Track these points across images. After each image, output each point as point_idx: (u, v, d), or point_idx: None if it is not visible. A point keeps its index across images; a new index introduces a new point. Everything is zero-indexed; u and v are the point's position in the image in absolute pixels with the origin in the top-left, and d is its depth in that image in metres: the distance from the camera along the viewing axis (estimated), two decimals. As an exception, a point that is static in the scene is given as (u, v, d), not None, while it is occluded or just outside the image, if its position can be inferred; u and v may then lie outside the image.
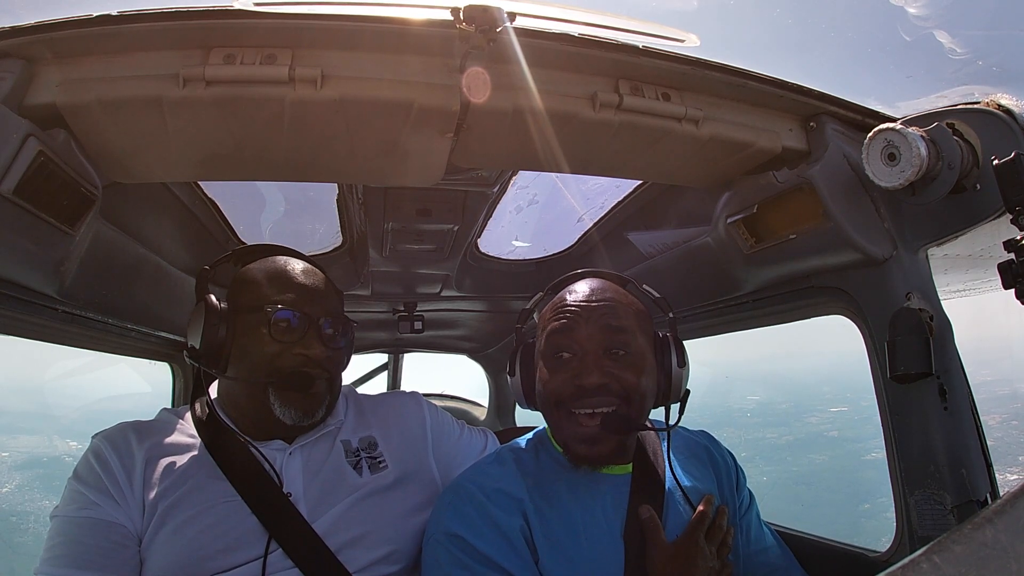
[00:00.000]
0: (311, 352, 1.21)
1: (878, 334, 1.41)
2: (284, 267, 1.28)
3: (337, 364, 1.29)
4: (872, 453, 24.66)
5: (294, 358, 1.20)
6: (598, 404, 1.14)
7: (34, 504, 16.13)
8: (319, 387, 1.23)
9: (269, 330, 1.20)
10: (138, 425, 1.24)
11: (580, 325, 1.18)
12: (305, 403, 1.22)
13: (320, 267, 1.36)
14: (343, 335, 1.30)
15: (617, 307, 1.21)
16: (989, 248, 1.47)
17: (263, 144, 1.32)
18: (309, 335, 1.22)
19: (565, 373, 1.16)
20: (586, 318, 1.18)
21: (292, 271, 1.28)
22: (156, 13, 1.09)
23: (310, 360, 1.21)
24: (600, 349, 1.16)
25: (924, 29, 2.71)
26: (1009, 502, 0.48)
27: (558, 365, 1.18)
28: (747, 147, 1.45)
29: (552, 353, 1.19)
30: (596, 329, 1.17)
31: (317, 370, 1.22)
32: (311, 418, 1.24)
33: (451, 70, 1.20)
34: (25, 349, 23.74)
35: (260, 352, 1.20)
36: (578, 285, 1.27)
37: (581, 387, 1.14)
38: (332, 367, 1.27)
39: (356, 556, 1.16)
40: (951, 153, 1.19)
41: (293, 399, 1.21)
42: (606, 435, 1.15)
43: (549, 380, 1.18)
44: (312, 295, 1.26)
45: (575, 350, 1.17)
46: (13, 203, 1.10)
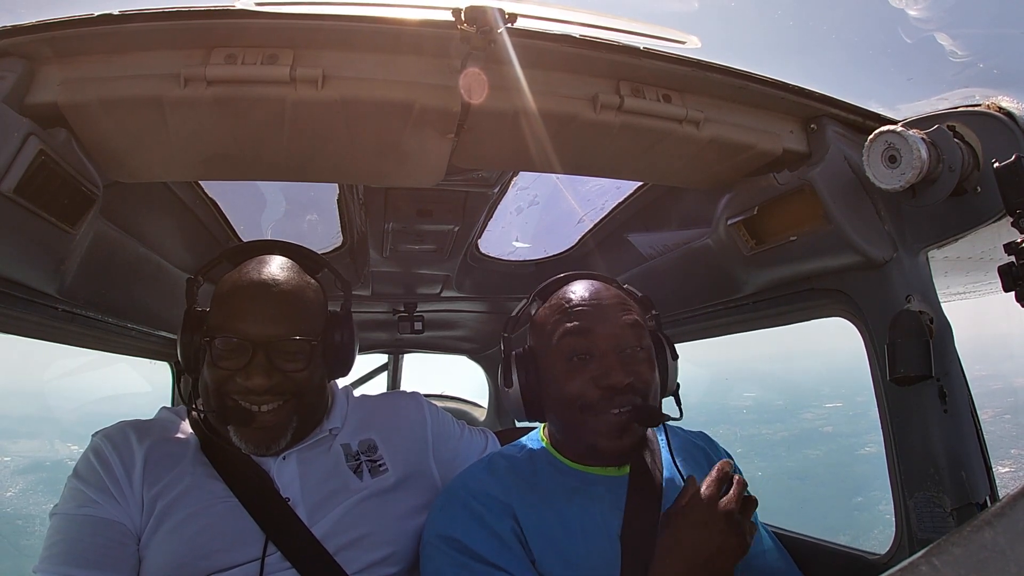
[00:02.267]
0: (251, 383, 1.11)
1: (878, 336, 1.41)
2: (239, 283, 1.18)
3: (302, 384, 1.17)
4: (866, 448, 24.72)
5: (235, 387, 1.13)
6: (624, 403, 1.13)
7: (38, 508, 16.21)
8: (266, 419, 1.14)
9: (213, 358, 1.13)
10: (138, 424, 1.24)
11: (597, 324, 1.15)
12: (257, 436, 1.15)
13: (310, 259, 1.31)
14: (300, 354, 1.16)
15: (624, 306, 1.20)
16: (989, 251, 1.47)
17: (264, 144, 1.32)
18: (253, 363, 1.11)
19: (586, 374, 1.14)
20: (602, 317, 1.16)
21: (248, 287, 1.17)
22: (157, 12, 1.09)
23: (252, 391, 1.12)
24: (620, 346, 1.15)
25: (925, 32, 2.73)
26: (1008, 505, 0.48)
27: (577, 367, 1.15)
28: (748, 149, 1.45)
29: (569, 355, 1.16)
30: (614, 327, 1.15)
31: (264, 398, 1.13)
32: (271, 448, 1.17)
33: (452, 71, 1.20)
34: (25, 350, 23.71)
35: (210, 379, 1.15)
36: (577, 286, 1.24)
37: (610, 387, 1.11)
38: (288, 391, 1.15)
39: (355, 558, 1.16)
40: (952, 155, 1.18)
41: (243, 432, 1.15)
42: (633, 427, 1.14)
43: (568, 383, 1.15)
44: (262, 315, 1.14)
45: (595, 351, 1.15)
46: (14, 202, 1.10)
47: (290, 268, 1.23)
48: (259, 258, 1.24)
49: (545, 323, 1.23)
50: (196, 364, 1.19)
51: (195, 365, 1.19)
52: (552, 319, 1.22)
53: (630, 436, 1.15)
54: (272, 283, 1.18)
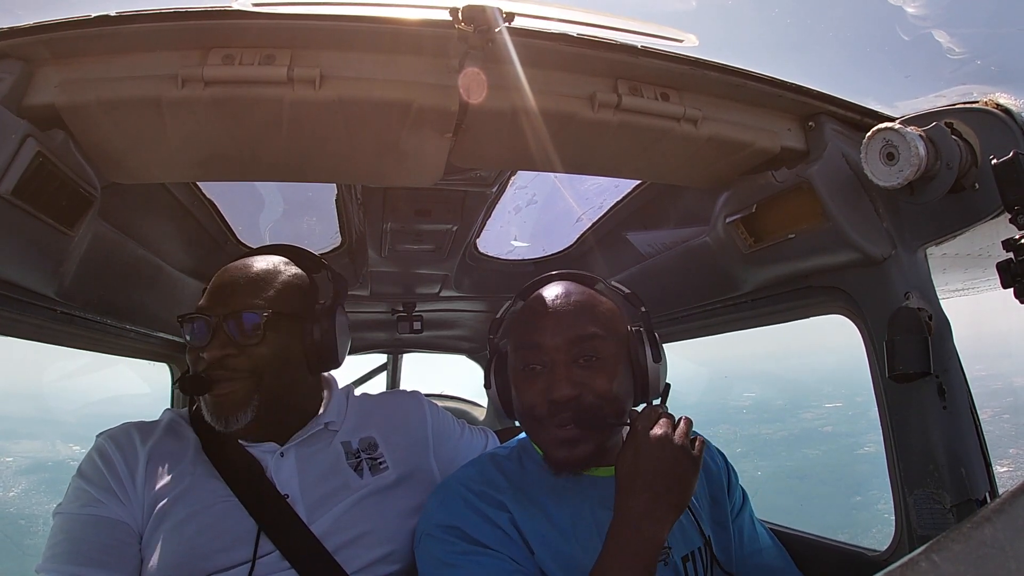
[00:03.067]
0: (208, 355, 1.17)
1: (877, 334, 1.41)
2: (220, 271, 1.27)
3: (260, 360, 1.19)
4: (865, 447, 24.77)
5: (198, 361, 1.19)
6: (566, 420, 1.10)
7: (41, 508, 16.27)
8: (223, 389, 1.17)
9: (187, 340, 1.21)
10: (141, 425, 1.25)
11: (546, 336, 1.14)
12: (216, 407, 1.18)
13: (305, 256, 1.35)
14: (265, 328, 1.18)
15: (583, 312, 1.17)
16: (988, 247, 1.48)
17: (262, 144, 1.32)
18: (213, 338, 1.18)
19: (536, 386, 1.13)
20: (552, 328, 1.14)
21: (221, 272, 1.26)
22: (155, 13, 1.09)
23: (209, 363, 1.17)
24: (568, 359, 1.12)
25: (922, 29, 2.73)
26: (1008, 501, 0.48)
27: (529, 378, 1.15)
28: (746, 147, 1.45)
29: (522, 366, 1.16)
30: (563, 340, 1.13)
31: (217, 372, 1.17)
32: (232, 422, 1.18)
33: (450, 70, 1.20)
34: (24, 353, 23.68)
35: (191, 360, 1.22)
36: (545, 291, 1.22)
37: (553, 401, 1.10)
38: (247, 365, 1.18)
39: (355, 556, 1.16)
40: (950, 152, 1.19)
41: (206, 403, 1.19)
42: (584, 435, 1.12)
43: (523, 394, 1.16)
44: (223, 293, 1.22)
45: (544, 362, 1.14)
46: (12, 204, 1.10)
47: (271, 258, 1.30)
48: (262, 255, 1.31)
49: (512, 328, 1.23)
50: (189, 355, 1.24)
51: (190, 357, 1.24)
52: (517, 325, 1.22)
53: (580, 448, 1.12)
54: (242, 266, 1.26)
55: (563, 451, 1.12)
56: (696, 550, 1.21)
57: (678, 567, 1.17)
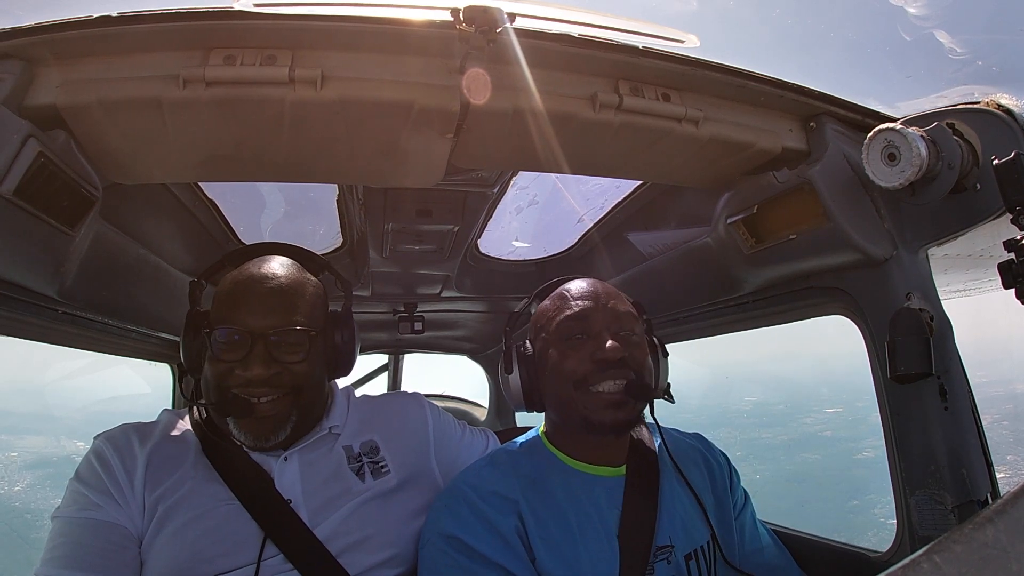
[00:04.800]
0: (250, 373, 1.13)
1: (878, 334, 1.41)
2: (240, 279, 1.20)
3: (302, 378, 1.18)
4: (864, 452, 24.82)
5: (235, 379, 1.14)
6: (617, 375, 1.16)
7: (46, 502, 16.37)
8: (265, 410, 1.15)
9: (213, 351, 1.15)
10: (139, 426, 1.24)
11: (592, 310, 1.21)
12: (256, 427, 1.16)
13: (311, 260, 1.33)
14: (298, 346, 1.17)
15: (618, 296, 1.27)
16: (989, 248, 1.47)
17: (263, 145, 1.32)
18: (252, 354, 1.13)
19: (581, 352, 1.18)
20: (596, 305, 1.22)
21: (248, 281, 1.19)
22: (156, 14, 1.09)
23: (251, 382, 1.13)
24: (613, 328, 1.20)
25: (924, 29, 2.72)
26: (1010, 502, 0.48)
27: (573, 346, 1.20)
28: (747, 147, 1.45)
29: (565, 337, 1.21)
30: (607, 314, 1.21)
31: (262, 389, 1.14)
32: (271, 440, 1.17)
33: (451, 71, 1.20)
34: (28, 350, 23.82)
35: (211, 373, 1.16)
36: (575, 281, 1.30)
37: (603, 360, 1.16)
38: (290, 382, 1.17)
39: (358, 560, 1.15)
40: (951, 153, 1.19)
41: (243, 424, 1.16)
42: (628, 400, 1.17)
43: (564, 361, 1.19)
44: (261, 306, 1.16)
45: (590, 331, 1.20)
46: (13, 204, 1.10)
47: (290, 265, 1.26)
48: (260, 257, 1.26)
49: (545, 312, 1.29)
50: (198, 363, 1.20)
51: (197, 364, 1.20)
52: (552, 308, 1.27)
53: (624, 411, 1.17)
54: (271, 276, 1.20)
55: (609, 412, 1.16)
56: (700, 548, 1.21)
57: (681, 566, 1.17)
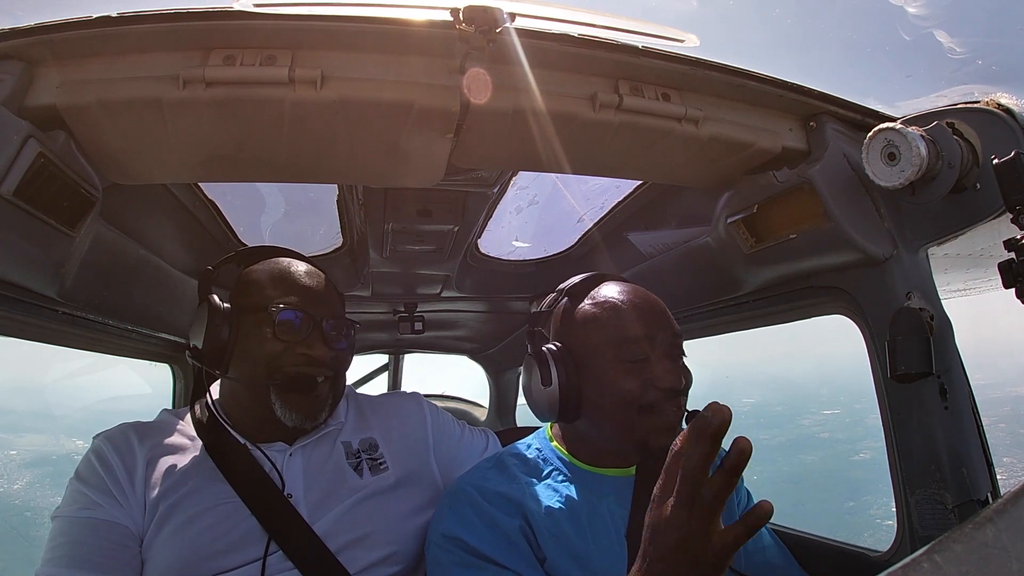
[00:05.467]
0: (314, 352, 1.21)
1: (878, 334, 1.41)
2: (288, 268, 1.29)
3: (340, 365, 1.29)
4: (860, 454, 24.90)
5: (297, 358, 1.20)
6: (679, 404, 1.16)
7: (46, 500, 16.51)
8: (322, 389, 1.23)
9: (273, 330, 1.19)
10: (139, 426, 1.24)
11: (657, 330, 1.18)
12: (307, 405, 1.22)
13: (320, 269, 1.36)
14: (346, 336, 1.29)
15: (668, 312, 1.24)
16: (989, 247, 1.47)
17: (263, 145, 1.32)
18: (313, 336, 1.22)
19: (643, 376, 1.15)
20: (660, 324, 1.20)
21: (296, 272, 1.28)
22: (156, 14, 1.09)
23: (314, 360, 1.21)
24: (673, 354, 1.19)
25: (923, 28, 2.72)
26: (1010, 501, 0.48)
27: (636, 369, 1.16)
28: (747, 147, 1.45)
29: (630, 357, 1.16)
30: (668, 333, 1.19)
31: (321, 370, 1.22)
32: (313, 420, 1.24)
33: (451, 71, 1.20)
34: (29, 349, 23.84)
35: (263, 352, 1.19)
36: (624, 289, 1.25)
37: (670, 390, 1.14)
38: (336, 368, 1.26)
39: (357, 557, 1.16)
40: (951, 152, 1.19)
41: (295, 401, 1.21)
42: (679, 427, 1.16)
43: (625, 384, 1.14)
44: (316, 296, 1.26)
45: (653, 355, 1.17)
46: (13, 204, 1.10)
47: None
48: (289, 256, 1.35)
49: (595, 322, 1.22)
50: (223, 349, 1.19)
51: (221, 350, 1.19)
52: (605, 318, 1.21)
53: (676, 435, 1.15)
54: (314, 271, 1.32)
55: (667, 438, 1.13)
56: None
57: None
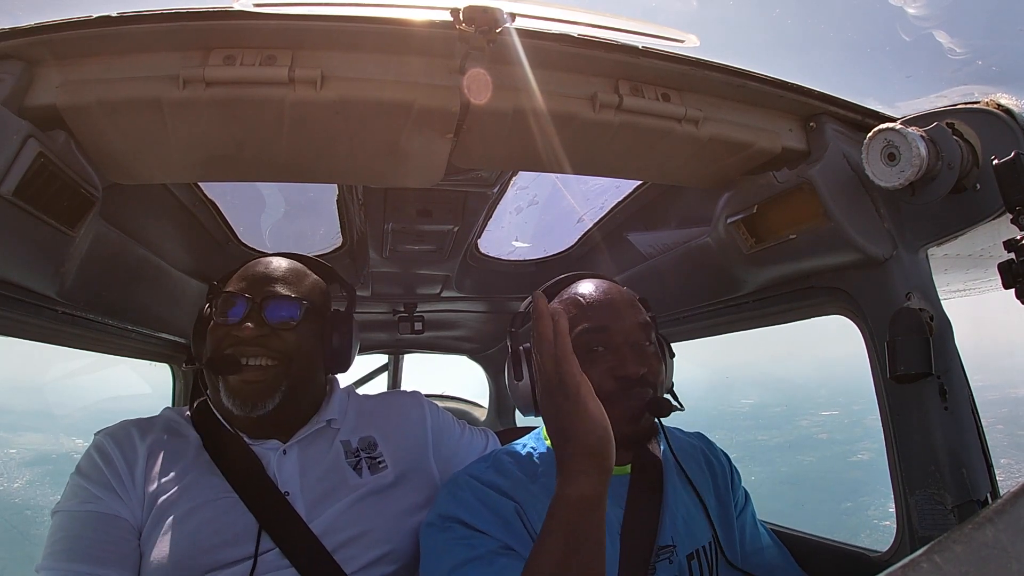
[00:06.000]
0: (242, 333, 1.19)
1: (878, 334, 1.41)
2: (251, 261, 1.32)
3: (292, 345, 1.22)
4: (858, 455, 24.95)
5: (230, 340, 1.20)
6: (638, 395, 1.16)
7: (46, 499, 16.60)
8: (257, 373, 1.19)
9: (214, 317, 1.22)
10: (140, 422, 1.25)
11: (613, 320, 1.19)
12: (244, 390, 1.18)
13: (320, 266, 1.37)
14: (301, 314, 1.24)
15: (634, 303, 1.25)
16: (989, 248, 1.47)
17: (263, 145, 1.32)
18: (247, 316, 1.20)
19: (601, 367, 1.16)
20: (617, 314, 1.21)
21: (254, 263, 1.30)
22: (155, 14, 1.09)
23: (242, 340, 1.18)
24: (633, 340, 1.19)
25: (923, 29, 2.73)
26: (1010, 501, 0.48)
27: (592, 360, 1.16)
28: (747, 147, 1.45)
29: (585, 349, 1.17)
30: (628, 323, 1.20)
31: (252, 349, 1.19)
32: (258, 408, 1.19)
33: (451, 71, 1.20)
34: (29, 349, 23.87)
35: (210, 337, 1.22)
36: (588, 285, 1.27)
37: (626, 377, 1.14)
38: (280, 347, 1.21)
39: (353, 555, 1.16)
40: (951, 153, 1.19)
41: (232, 385, 1.18)
42: (646, 417, 1.17)
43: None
44: (261, 278, 1.25)
45: (611, 344, 1.18)
46: (13, 204, 1.10)
47: (295, 260, 1.36)
48: None
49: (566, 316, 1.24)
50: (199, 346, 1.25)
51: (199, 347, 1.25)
52: (567, 314, 1.23)
53: (644, 423, 1.18)
54: (274, 259, 1.32)
55: (627, 426, 1.15)
56: (702, 548, 1.21)
57: (683, 566, 1.17)
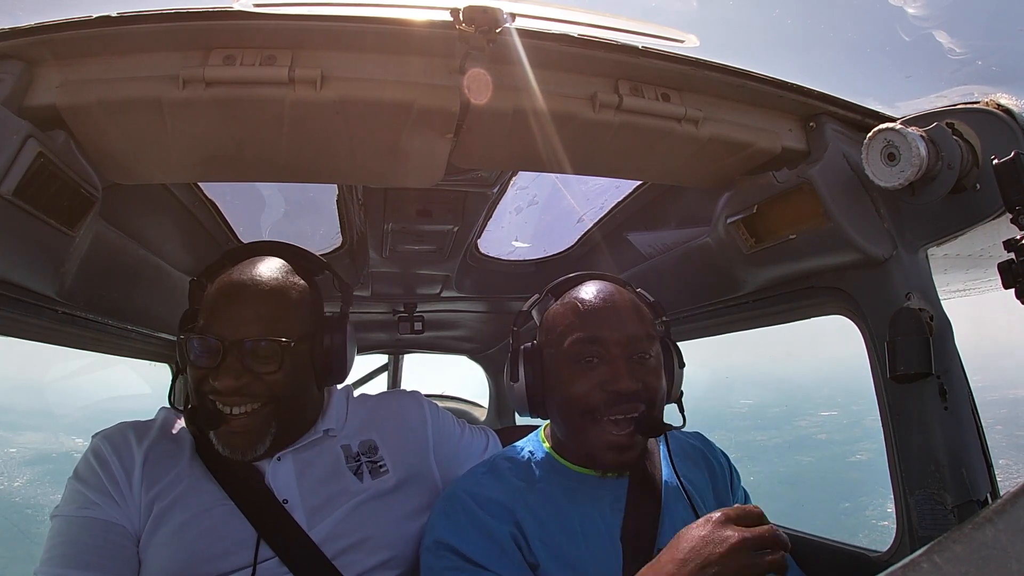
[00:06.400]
0: (220, 383, 1.09)
1: (878, 334, 1.41)
2: (226, 283, 1.16)
3: (278, 387, 1.13)
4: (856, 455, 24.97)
5: (207, 386, 1.11)
6: (629, 410, 1.13)
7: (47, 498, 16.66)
8: (243, 422, 1.11)
9: (190, 357, 1.12)
10: (137, 425, 1.24)
11: (608, 330, 1.15)
12: (232, 440, 1.12)
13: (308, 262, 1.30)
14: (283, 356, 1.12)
15: (636, 312, 1.20)
16: (989, 248, 1.47)
17: (263, 145, 1.32)
18: (224, 364, 1.09)
19: (592, 379, 1.13)
20: (613, 323, 1.16)
21: (228, 287, 1.15)
22: (155, 14, 1.09)
23: (222, 392, 1.10)
24: (627, 354, 1.15)
25: (923, 29, 2.72)
26: (1009, 502, 0.48)
27: (584, 370, 1.14)
28: (747, 147, 1.45)
29: (577, 359, 1.15)
30: (623, 335, 1.15)
31: (234, 399, 1.10)
32: (248, 454, 1.14)
33: (451, 71, 1.20)
34: (29, 348, 23.99)
35: (190, 378, 1.13)
36: (589, 288, 1.23)
37: (616, 392, 1.11)
38: (265, 392, 1.12)
39: (354, 562, 1.15)
40: (951, 153, 1.19)
41: (219, 435, 1.13)
42: (635, 440, 1.14)
43: (573, 385, 1.14)
44: (236, 317, 1.12)
45: (604, 356, 1.14)
46: (13, 204, 1.10)
47: (278, 270, 1.21)
48: (250, 259, 1.22)
49: (557, 323, 1.22)
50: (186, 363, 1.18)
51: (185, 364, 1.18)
52: (564, 320, 1.21)
53: (631, 451, 1.15)
54: (251, 284, 1.15)
55: (612, 454, 1.14)
56: None
57: None
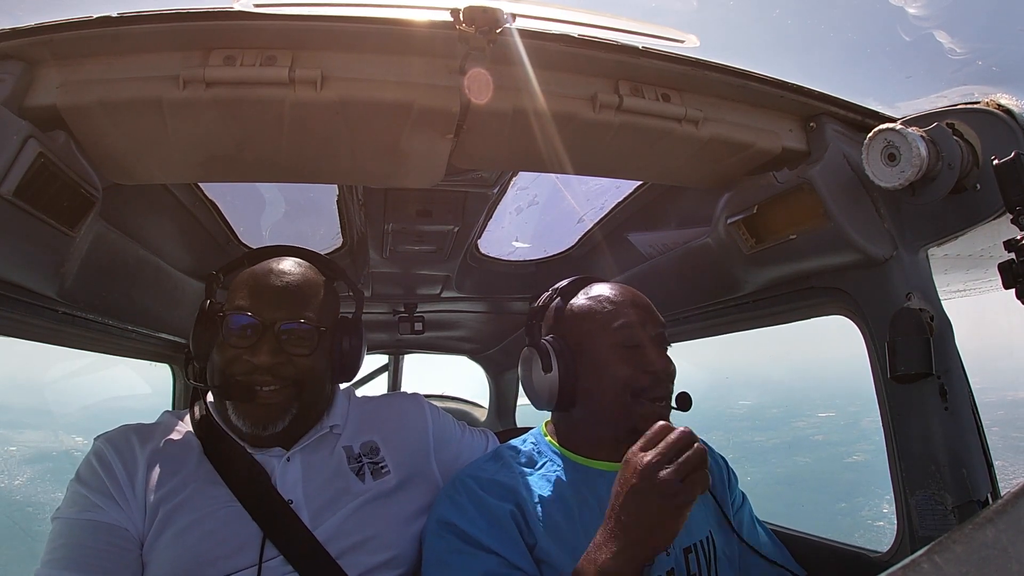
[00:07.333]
0: (257, 360, 1.16)
1: (878, 334, 1.41)
2: (261, 270, 1.24)
3: (305, 371, 1.21)
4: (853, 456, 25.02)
5: (242, 365, 1.17)
6: (667, 390, 1.23)
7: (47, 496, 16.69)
8: (271, 398, 1.18)
9: (224, 336, 1.18)
10: (140, 427, 1.24)
11: (646, 320, 1.26)
12: (256, 413, 1.18)
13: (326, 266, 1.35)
14: (307, 341, 1.20)
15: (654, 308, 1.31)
16: (989, 248, 1.48)
17: (263, 146, 1.32)
18: (262, 341, 1.16)
19: (634, 362, 1.22)
20: (647, 314, 1.28)
21: (264, 274, 1.23)
22: (156, 14, 1.09)
23: (257, 368, 1.16)
24: (659, 340, 1.27)
25: (923, 29, 2.71)
26: (1010, 502, 0.48)
27: (628, 355, 1.23)
28: (747, 148, 1.45)
29: (623, 344, 1.23)
30: (656, 324, 1.27)
31: (265, 378, 1.17)
32: (269, 429, 1.19)
33: (451, 71, 1.20)
34: (29, 348, 24.01)
35: (220, 358, 1.19)
36: (615, 287, 1.32)
37: (656, 374, 1.21)
38: (292, 376, 1.19)
39: (357, 561, 1.16)
40: (951, 153, 1.19)
41: (243, 409, 1.18)
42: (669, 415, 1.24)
43: (619, 369, 1.22)
44: (275, 299, 1.20)
45: (644, 342, 1.24)
46: (13, 205, 1.10)
47: (306, 265, 1.30)
48: (277, 257, 1.30)
49: (592, 313, 1.28)
50: (207, 350, 1.22)
51: (206, 351, 1.22)
52: (601, 311, 1.27)
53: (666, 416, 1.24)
54: (287, 272, 1.25)
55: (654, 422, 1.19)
56: (699, 542, 1.22)
57: (679, 558, 1.18)
